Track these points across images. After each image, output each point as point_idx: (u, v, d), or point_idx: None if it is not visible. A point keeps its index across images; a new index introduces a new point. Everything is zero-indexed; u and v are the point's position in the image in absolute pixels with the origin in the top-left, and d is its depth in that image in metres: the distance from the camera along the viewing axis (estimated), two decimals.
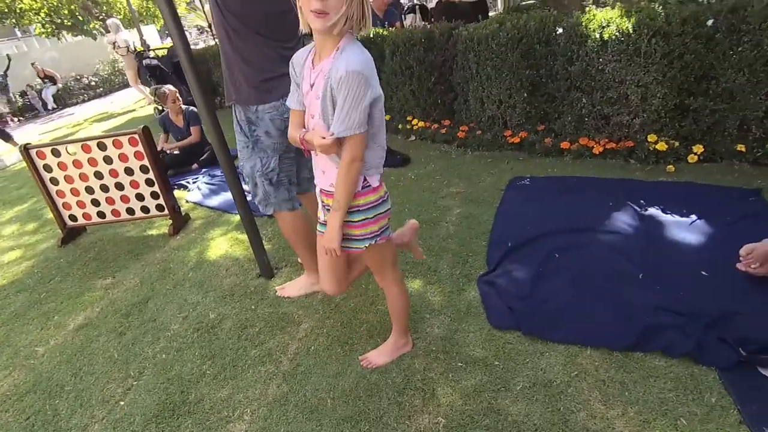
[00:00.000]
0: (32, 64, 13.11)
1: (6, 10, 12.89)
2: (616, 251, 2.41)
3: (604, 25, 3.07)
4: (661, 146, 3.16)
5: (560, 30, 3.31)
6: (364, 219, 1.61)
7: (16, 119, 12.13)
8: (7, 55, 13.12)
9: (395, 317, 2.00)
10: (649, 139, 3.19)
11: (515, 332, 2.06)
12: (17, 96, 12.68)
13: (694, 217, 2.58)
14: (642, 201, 2.80)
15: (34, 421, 2.09)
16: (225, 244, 3.32)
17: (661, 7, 2.96)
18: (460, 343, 2.07)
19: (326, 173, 1.61)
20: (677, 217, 2.60)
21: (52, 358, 2.48)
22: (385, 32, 4.60)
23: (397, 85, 4.50)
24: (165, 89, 5.02)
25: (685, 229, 2.49)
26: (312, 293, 2.60)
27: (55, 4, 13.23)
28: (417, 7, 6.28)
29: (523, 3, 8.88)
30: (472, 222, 2.98)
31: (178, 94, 5.07)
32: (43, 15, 13.42)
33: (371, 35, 4.66)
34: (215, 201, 4.03)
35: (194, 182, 4.64)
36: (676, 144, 3.16)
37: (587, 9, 3.28)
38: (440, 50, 4.10)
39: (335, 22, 1.35)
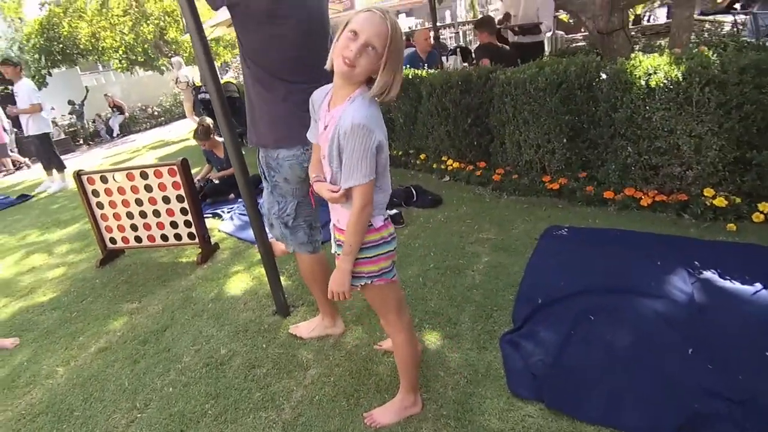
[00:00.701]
0: (105, 95, 14.13)
1: (91, 48, 14.17)
2: (662, 319, 2.13)
3: (650, 72, 2.89)
4: (720, 202, 2.87)
5: (604, 76, 3.15)
6: (362, 258, 1.59)
7: (85, 145, 12.94)
8: (86, 87, 14.47)
9: (402, 370, 1.86)
10: (705, 194, 2.92)
11: (538, 404, 1.84)
12: (90, 123, 13.60)
13: (758, 285, 2.24)
14: (696, 262, 2.50)
15: None
16: (247, 277, 3.30)
17: (715, 55, 2.75)
18: (475, 409, 1.87)
19: (335, 210, 1.64)
20: (738, 284, 2.28)
21: (69, 380, 2.52)
22: (423, 74, 4.58)
23: (433, 126, 4.43)
24: (202, 122, 5.16)
25: (748, 300, 2.18)
26: (324, 336, 2.49)
27: (131, 43, 14.35)
28: (458, 49, 6.28)
29: (572, 46, 8.75)
30: (501, 272, 2.79)
31: (212, 127, 5.17)
32: (121, 52, 14.59)
33: (410, 76, 4.65)
34: (246, 233, 4.03)
35: (229, 212, 4.70)
36: (738, 200, 2.86)
37: (633, 55, 3.11)
38: (477, 93, 4.01)
39: (357, 75, 1.41)
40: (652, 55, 3.03)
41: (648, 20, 13.06)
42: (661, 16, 13.92)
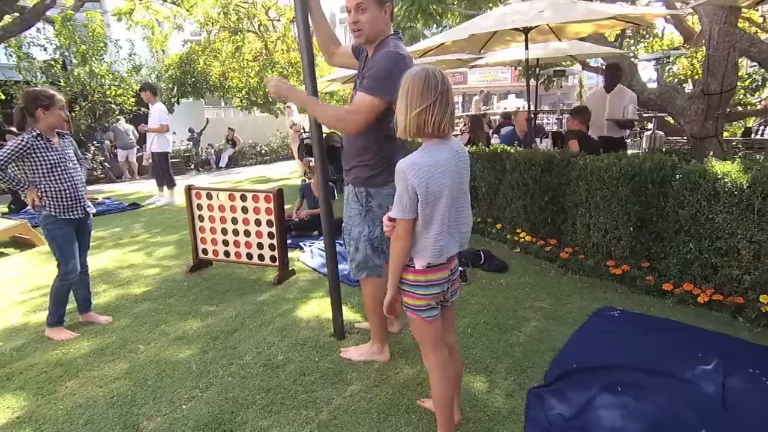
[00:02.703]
0: (229, 128, 15.75)
1: (218, 85, 16.16)
2: (689, 405, 2.21)
3: (719, 176, 3.03)
4: None
5: (678, 176, 3.31)
6: (402, 288, 1.87)
7: (195, 170, 14.44)
8: (207, 118, 16.24)
9: (435, 406, 1.99)
10: (761, 300, 2.94)
11: None
12: (203, 151, 15.16)
13: None
14: (736, 361, 2.54)
15: (116, 400, 2.51)
16: (314, 303, 3.66)
17: None
18: None
19: None
20: None
21: (147, 357, 2.94)
22: (511, 149, 4.91)
23: (512, 199, 4.69)
24: (310, 159, 5.83)
25: None
26: (371, 361, 2.76)
27: (255, 85, 16.07)
28: (550, 133, 6.57)
29: (674, 146, 8.71)
30: (545, 337, 2.96)
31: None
32: (244, 93, 16.39)
33: (498, 150, 5.00)
34: (323, 268, 4.30)
35: (309, 246, 5.14)
36: None
37: (706, 159, 3.26)
38: (557, 174, 4.25)
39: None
40: (723, 162, 3.17)
41: (760, 134, 12.58)
42: None
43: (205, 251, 4.46)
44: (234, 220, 4.24)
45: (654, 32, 14.24)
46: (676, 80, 12.55)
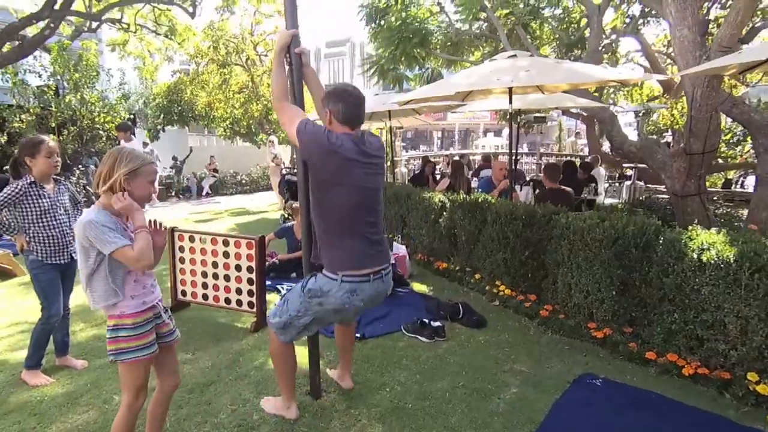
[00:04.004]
0: (211, 156, 15.81)
1: (204, 115, 16.37)
2: None
3: (704, 247, 3.00)
4: (763, 389, 2.79)
5: (661, 239, 3.29)
6: None
7: (175, 197, 14.32)
8: (191, 147, 16.43)
9: None
10: (749, 377, 2.87)
11: None
12: (185, 179, 15.04)
13: None
14: None
15: None
16: None
17: None
18: None
19: None
20: None
21: None
22: (493, 201, 4.88)
23: (492, 250, 4.64)
24: (293, 203, 5.72)
25: None
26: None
27: (239, 117, 16.20)
28: (532, 182, 6.58)
29: (653, 196, 8.84)
30: (525, 407, 2.84)
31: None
32: (228, 123, 16.55)
33: (479, 200, 4.96)
34: None
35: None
36: None
37: (690, 227, 3.23)
38: (538, 229, 4.22)
39: None
40: (708, 232, 3.15)
41: (740, 185, 12.93)
42: (751, 183, 13.76)
43: (183, 293, 4.41)
44: (215, 264, 4.19)
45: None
46: (656, 129, 12.88)
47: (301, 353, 3.40)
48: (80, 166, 12.04)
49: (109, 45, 14.97)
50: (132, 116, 14.47)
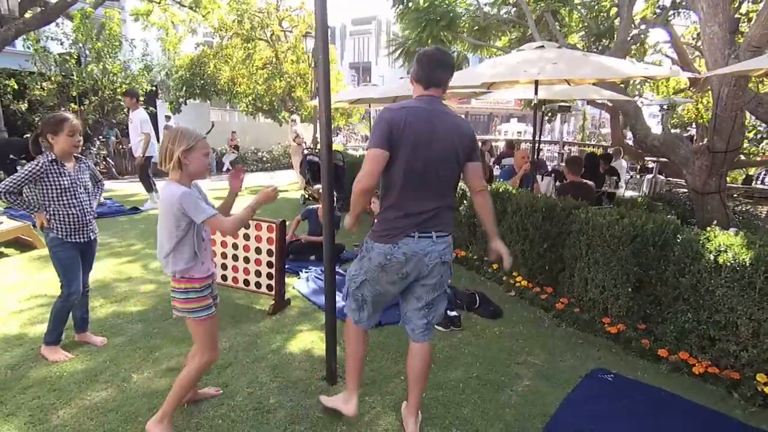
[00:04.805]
0: (232, 132, 15.84)
1: (226, 89, 16.33)
2: None
3: (721, 249, 3.04)
4: None
5: (679, 239, 3.33)
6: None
7: None
8: (212, 121, 16.35)
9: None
10: (758, 378, 2.93)
11: None
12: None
13: None
14: None
15: None
16: (308, 338, 3.63)
17: None
18: None
19: None
20: None
21: (139, 388, 2.91)
22: (513, 191, 4.92)
23: (510, 242, 4.70)
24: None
25: None
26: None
27: (262, 93, 16.19)
28: (553, 174, 6.57)
29: (674, 190, 8.77)
30: (537, 399, 2.94)
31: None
32: (250, 98, 16.55)
33: (500, 190, 5.01)
34: (317, 297, 4.37)
35: (306, 272, 5.11)
36: None
37: (709, 228, 3.26)
38: (558, 223, 4.27)
39: None
40: (726, 233, 3.18)
41: (761, 182, 12.71)
42: None
43: None
44: (235, 246, 4.25)
45: None
46: (680, 123, 12.66)
47: (318, 339, 3.56)
48: (101, 137, 12.08)
49: (133, 15, 14.89)
50: (154, 87, 14.47)
